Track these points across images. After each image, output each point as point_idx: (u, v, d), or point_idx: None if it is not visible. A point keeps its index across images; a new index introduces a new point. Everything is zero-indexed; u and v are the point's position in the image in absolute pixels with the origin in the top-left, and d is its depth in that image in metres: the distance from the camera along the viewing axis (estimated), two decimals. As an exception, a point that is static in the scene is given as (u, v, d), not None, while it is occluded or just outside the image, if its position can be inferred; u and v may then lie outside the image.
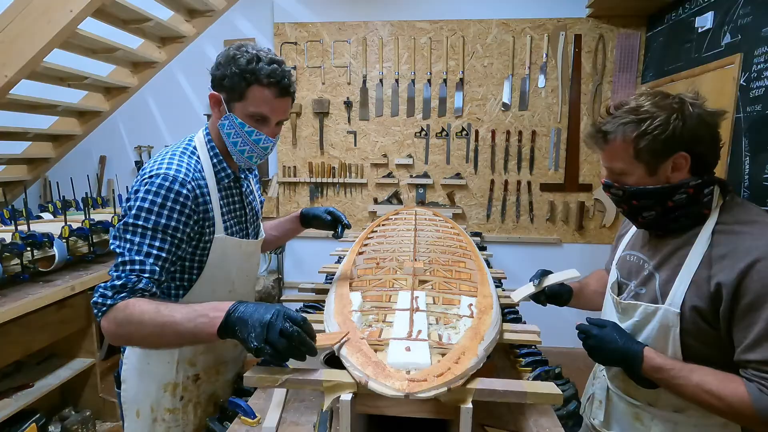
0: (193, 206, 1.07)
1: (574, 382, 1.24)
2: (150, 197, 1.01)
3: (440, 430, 0.88)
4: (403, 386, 0.69)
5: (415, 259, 1.51)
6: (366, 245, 1.84)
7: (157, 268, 0.99)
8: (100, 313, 0.95)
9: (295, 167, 3.47)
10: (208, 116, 1.25)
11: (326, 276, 1.94)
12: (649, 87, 3.02)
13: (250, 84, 1.06)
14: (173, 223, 1.02)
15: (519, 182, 3.33)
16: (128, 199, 1.06)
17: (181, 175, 1.05)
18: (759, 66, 2.09)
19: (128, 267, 0.97)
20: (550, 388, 0.75)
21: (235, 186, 1.25)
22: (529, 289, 1.31)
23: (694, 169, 0.97)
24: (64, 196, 2.79)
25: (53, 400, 2.42)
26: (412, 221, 2.33)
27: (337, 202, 3.48)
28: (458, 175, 3.35)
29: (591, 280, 1.40)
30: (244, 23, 3.38)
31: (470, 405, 0.71)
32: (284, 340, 0.78)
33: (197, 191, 1.09)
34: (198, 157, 1.15)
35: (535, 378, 1.15)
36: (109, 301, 0.94)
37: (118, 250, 0.99)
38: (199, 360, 1.22)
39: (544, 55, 3.19)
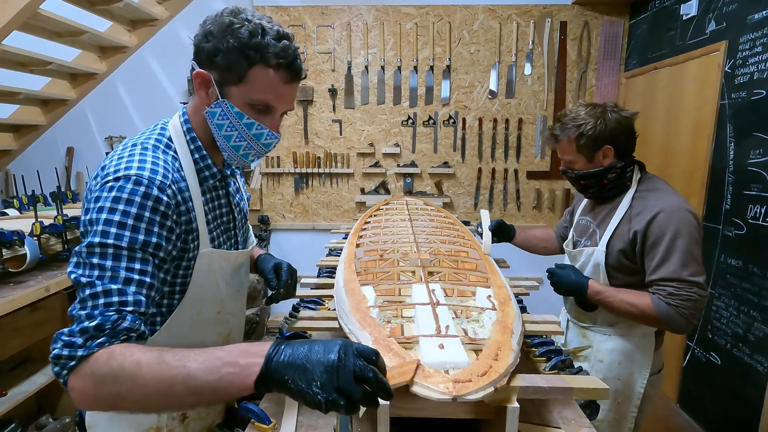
0: (174, 217, 0.85)
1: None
2: (121, 207, 0.77)
3: (459, 425, 0.84)
4: (449, 388, 0.65)
5: (418, 250, 1.47)
6: (362, 237, 1.78)
7: (142, 298, 0.75)
8: (65, 370, 0.67)
9: (278, 157, 3.35)
10: (185, 104, 1.04)
11: (319, 270, 1.86)
12: (632, 74, 3.06)
13: (253, 64, 0.85)
14: (154, 240, 0.79)
15: (506, 170, 3.33)
16: (87, 210, 0.80)
17: (159, 177, 0.82)
18: (744, 53, 2.13)
19: (102, 300, 0.71)
20: (595, 382, 0.73)
21: (221, 186, 1.03)
22: (488, 237, 1.69)
23: (618, 155, 1.38)
24: (33, 191, 2.61)
25: (29, 407, 2.28)
26: (405, 211, 2.28)
27: (323, 193, 3.40)
28: (446, 164, 3.32)
29: (538, 231, 1.96)
30: (221, 6, 3.20)
31: (516, 404, 0.68)
32: (361, 387, 0.58)
33: (178, 197, 0.87)
34: (175, 152, 0.92)
35: (552, 368, 1.13)
36: (80, 352, 0.67)
37: (83, 280, 0.73)
38: None
39: (531, 42, 3.18)
